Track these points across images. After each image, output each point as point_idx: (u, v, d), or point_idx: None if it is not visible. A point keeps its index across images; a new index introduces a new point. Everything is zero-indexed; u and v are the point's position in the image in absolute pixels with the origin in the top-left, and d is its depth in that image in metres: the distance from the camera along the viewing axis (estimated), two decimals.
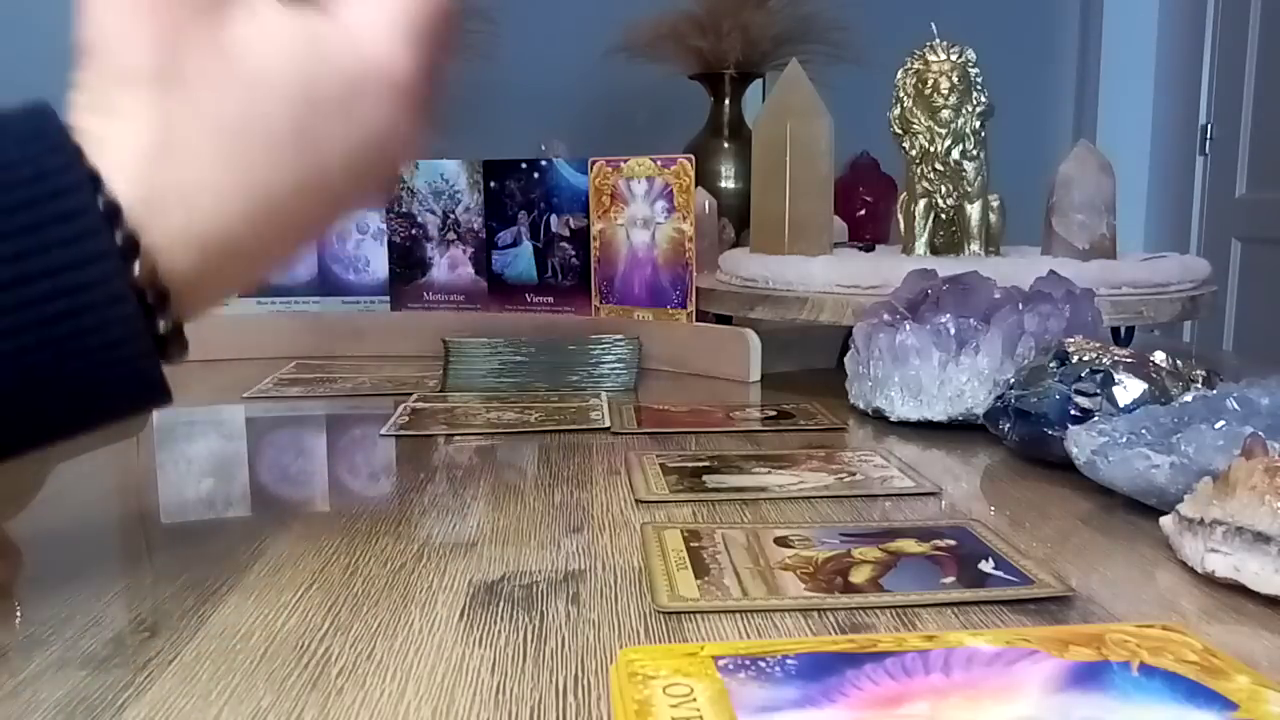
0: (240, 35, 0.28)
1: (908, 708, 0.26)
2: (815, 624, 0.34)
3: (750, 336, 0.81)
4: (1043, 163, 1.16)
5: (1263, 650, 0.32)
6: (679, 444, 0.60)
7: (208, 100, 0.28)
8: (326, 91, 0.29)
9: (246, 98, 0.28)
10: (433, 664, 0.31)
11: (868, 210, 1.40)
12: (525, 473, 0.55)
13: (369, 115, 0.30)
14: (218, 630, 0.33)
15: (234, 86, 0.28)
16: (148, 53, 0.27)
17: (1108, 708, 0.26)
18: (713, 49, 1.46)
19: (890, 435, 0.63)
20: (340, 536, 0.43)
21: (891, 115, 0.89)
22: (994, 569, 0.38)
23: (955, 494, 0.50)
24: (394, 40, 0.30)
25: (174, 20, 0.27)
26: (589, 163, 0.91)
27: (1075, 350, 0.55)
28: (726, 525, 0.44)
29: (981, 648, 0.29)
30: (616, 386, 0.78)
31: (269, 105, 0.28)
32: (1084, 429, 0.49)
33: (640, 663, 0.28)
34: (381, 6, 0.30)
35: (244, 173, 0.28)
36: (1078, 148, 0.89)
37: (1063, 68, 2.51)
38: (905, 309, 0.66)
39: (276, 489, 0.54)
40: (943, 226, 0.90)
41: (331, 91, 0.29)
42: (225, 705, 0.28)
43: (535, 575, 0.38)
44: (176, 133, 0.28)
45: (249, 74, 0.28)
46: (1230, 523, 0.36)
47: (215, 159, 0.28)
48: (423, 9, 0.31)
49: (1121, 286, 0.78)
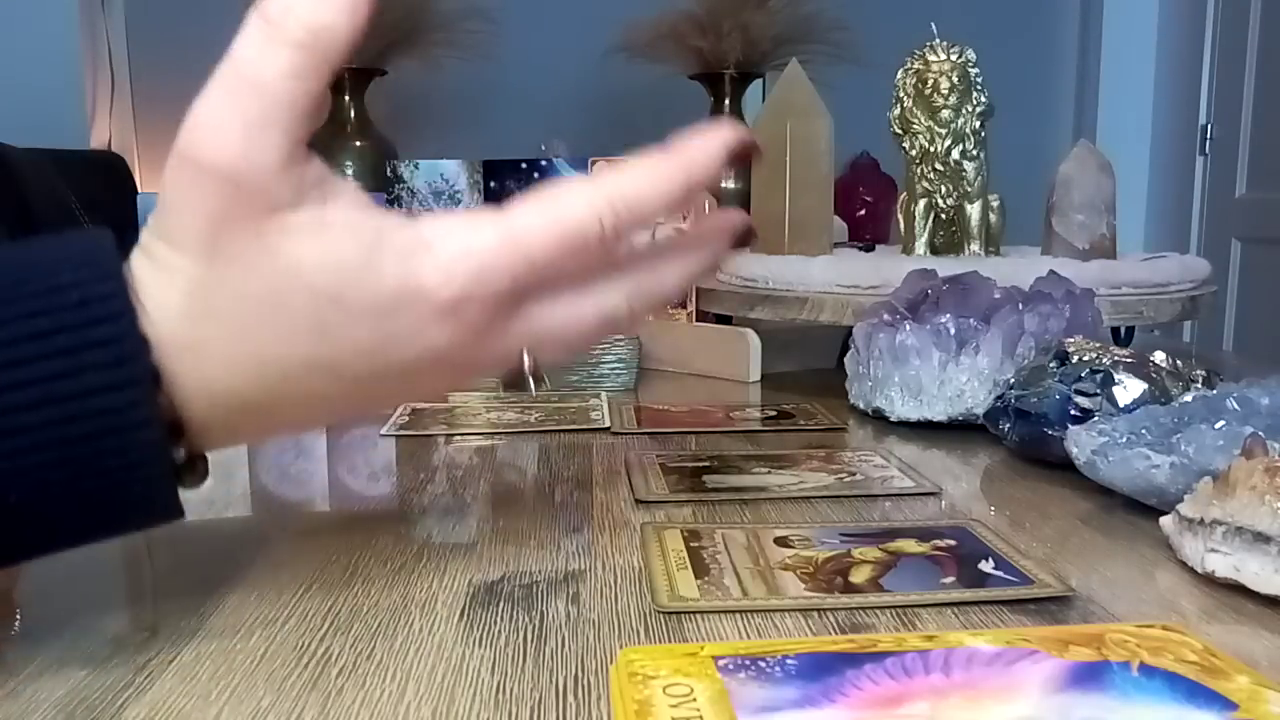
0: (288, 229, 0.30)
1: (908, 708, 0.26)
2: (815, 624, 0.34)
3: (750, 336, 0.81)
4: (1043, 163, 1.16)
5: (1263, 650, 0.32)
6: (679, 444, 0.60)
7: (236, 279, 0.29)
8: (360, 299, 0.30)
9: (273, 285, 0.30)
10: (433, 664, 0.31)
11: (868, 210, 1.40)
12: (525, 473, 0.55)
13: (402, 332, 0.31)
14: (218, 630, 0.33)
15: (264, 273, 0.29)
16: (198, 224, 0.29)
17: (1108, 708, 0.26)
18: (713, 49, 1.46)
19: (890, 435, 0.63)
20: (340, 536, 0.43)
21: (891, 115, 0.89)
22: (994, 569, 0.38)
23: (955, 494, 0.50)
24: (457, 284, 0.30)
25: (228, 208, 0.29)
26: (589, 163, 0.91)
27: (1075, 350, 0.55)
28: (726, 525, 0.44)
29: (981, 648, 0.29)
30: (616, 386, 0.78)
31: (293, 296, 0.30)
32: (1084, 429, 0.49)
33: (640, 663, 0.28)
34: (467, 252, 0.30)
35: (255, 344, 0.30)
36: (1078, 148, 0.89)
37: (1063, 68, 2.51)
38: (905, 309, 0.66)
39: (276, 489, 0.54)
40: (943, 226, 0.90)
41: (366, 300, 0.30)
42: (225, 705, 0.28)
43: (535, 575, 0.38)
44: (203, 298, 0.29)
45: (282, 266, 0.29)
46: (1230, 523, 0.36)
47: (231, 327, 0.30)
48: (502, 277, 0.31)
49: (1121, 286, 0.78)
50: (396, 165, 1.03)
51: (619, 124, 1.93)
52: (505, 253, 0.31)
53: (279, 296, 0.30)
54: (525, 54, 1.96)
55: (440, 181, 1.00)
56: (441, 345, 0.31)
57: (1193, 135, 2.45)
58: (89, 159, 1.48)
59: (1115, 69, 2.48)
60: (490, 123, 2.04)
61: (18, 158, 1.18)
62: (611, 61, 1.60)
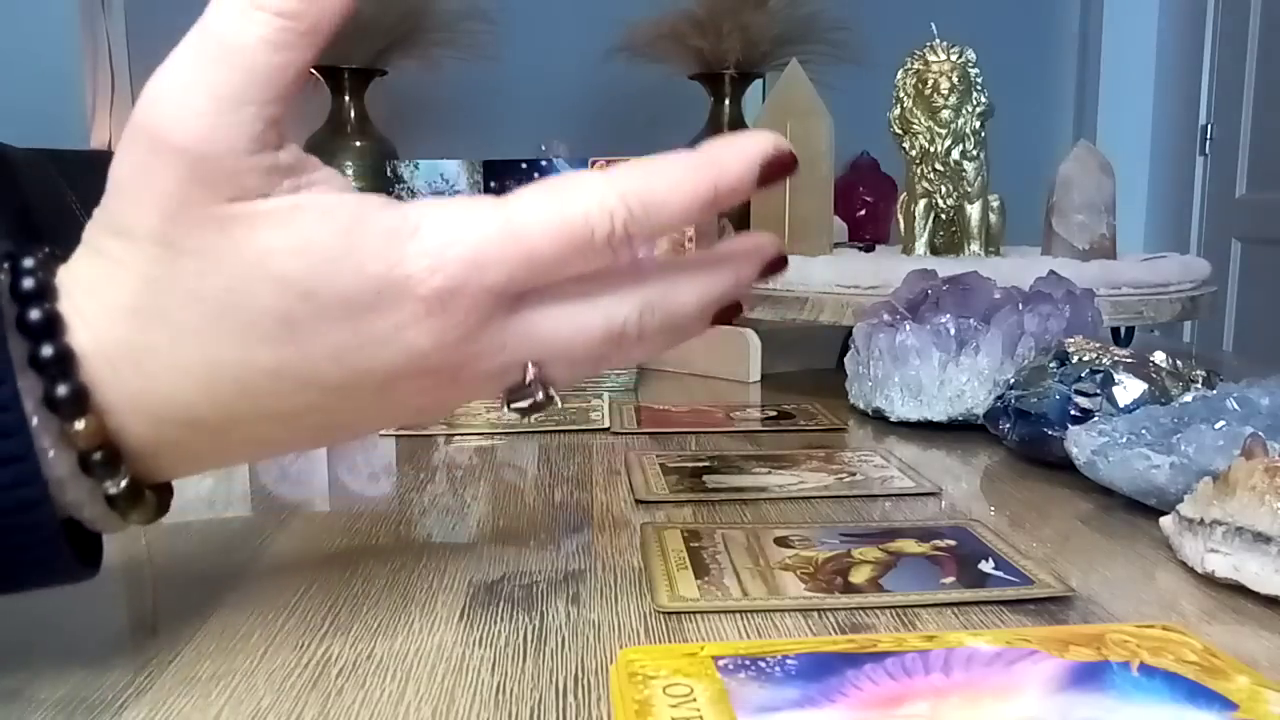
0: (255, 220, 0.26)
1: (908, 708, 0.26)
2: (815, 624, 0.34)
3: (750, 336, 0.81)
4: (1043, 163, 1.16)
5: (1263, 650, 0.32)
6: (679, 444, 0.60)
7: (191, 274, 0.26)
8: (335, 291, 0.26)
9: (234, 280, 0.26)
10: (433, 664, 0.31)
11: (868, 210, 1.40)
12: (525, 473, 0.55)
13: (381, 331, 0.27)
14: (218, 630, 0.33)
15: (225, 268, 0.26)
16: (153, 210, 0.26)
17: (1108, 708, 0.26)
18: (713, 49, 1.46)
19: (890, 435, 0.63)
20: (340, 536, 0.43)
21: (891, 115, 0.89)
22: (994, 569, 0.38)
23: (955, 494, 0.50)
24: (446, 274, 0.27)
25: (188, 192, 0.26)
26: (589, 163, 0.91)
27: (1075, 350, 0.55)
28: (726, 525, 0.44)
29: (981, 648, 0.29)
30: (616, 386, 0.78)
31: (257, 291, 0.26)
32: (1084, 429, 0.49)
33: (640, 663, 0.28)
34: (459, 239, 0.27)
35: (211, 349, 0.26)
36: (1078, 148, 0.89)
37: (1063, 68, 2.51)
38: (905, 309, 0.66)
39: (276, 489, 0.54)
40: (943, 226, 0.90)
41: (341, 292, 0.26)
42: (225, 705, 0.28)
43: (535, 575, 0.38)
44: (153, 297, 0.26)
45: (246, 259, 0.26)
46: (1230, 523, 0.36)
47: (182, 331, 0.26)
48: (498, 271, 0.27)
49: (1121, 287, 0.78)
50: (396, 165, 1.03)
51: (619, 124, 1.93)
52: (502, 244, 0.27)
53: (240, 294, 0.26)
54: (525, 54, 1.96)
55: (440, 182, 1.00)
56: (426, 348, 0.27)
57: (1193, 135, 2.45)
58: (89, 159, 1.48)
59: (1115, 69, 2.48)
60: (490, 123, 2.04)
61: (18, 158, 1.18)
62: (611, 61, 1.60)
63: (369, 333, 0.27)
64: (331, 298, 0.26)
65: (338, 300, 0.26)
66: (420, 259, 0.26)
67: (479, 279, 0.27)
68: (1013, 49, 2.21)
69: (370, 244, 0.26)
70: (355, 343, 0.27)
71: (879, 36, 1.32)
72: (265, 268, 0.26)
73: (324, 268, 0.26)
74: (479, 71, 1.73)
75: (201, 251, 0.26)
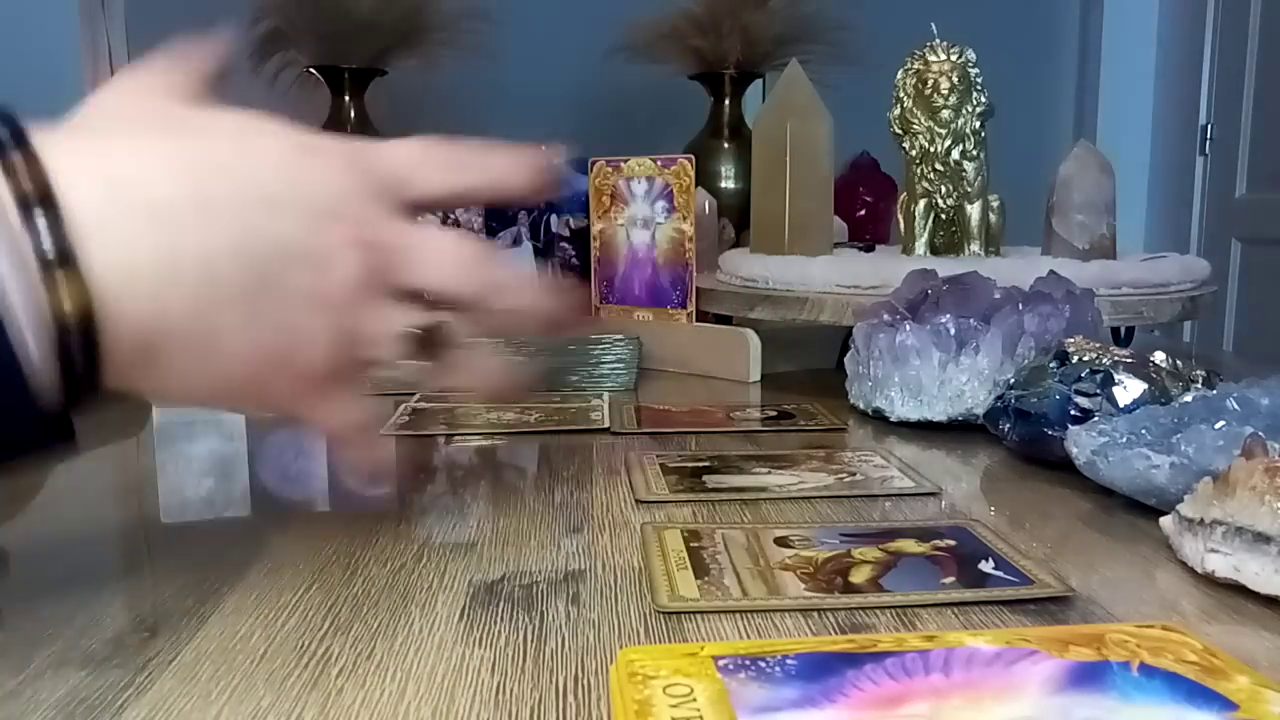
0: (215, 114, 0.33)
1: (908, 708, 0.26)
2: (815, 624, 0.34)
3: (750, 336, 0.81)
4: (1043, 163, 1.16)
5: (1263, 650, 0.32)
6: (679, 444, 0.60)
7: (151, 124, 0.32)
8: (267, 187, 0.32)
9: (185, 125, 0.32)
10: (433, 664, 0.31)
11: (868, 210, 1.40)
12: (525, 473, 0.55)
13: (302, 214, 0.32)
14: (218, 630, 0.33)
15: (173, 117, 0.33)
16: (127, 100, 0.33)
17: (1108, 708, 0.26)
18: (713, 49, 1.46)
19: (890, 435, 0.63)
20: (340, 536, 0.43)
21: (891, 115, 0.89)
22: (994, 569, 0.38)
23: (955, 494, 0.50)
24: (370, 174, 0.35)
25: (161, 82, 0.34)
26: (589, 163, 0.91)
27: (1075, 350, 0.55)
28: (726, 525, 0.44)
29: (981, 648, 0.29)
30: (616, 386, 0.78)
31: (213, 132, 0.32)
32: (1084, 429, 0.49)
33: (640, 663, 0.28)
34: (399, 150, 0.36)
35: (178, 226, 0.30)
36: (1078, 148, 0.89)
37: (1063, 68, 2.51)
38: (905, 309, 0.66)
39: (276, 489, 0.54)
40: (943, 226, 0.90)
41: (282, 150, 0.33)
42: (225, 705, 0.28)
43: (535, 575, 0.38)
44: (137, 165, 0.30)
45: (198, 121, 0.33)
46: (1230, 523, 0.36)
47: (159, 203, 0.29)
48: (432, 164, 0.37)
49: (1121, 287, 0.78)
50: None
51: (619, 124, 1.93)
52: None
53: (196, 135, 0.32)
54: (525, 54, 1.96)
55: None
56: (323, 251, 0.32)
57: (1193, 135, 2.45)
58: None
59: (1115, 69, 2.48)
60: (490, 123, 2.04)
61: None
62: (611, 61, 1.60)
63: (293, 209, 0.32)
64: (273, 152, 0.33)
65: (277, 160, 0.33)
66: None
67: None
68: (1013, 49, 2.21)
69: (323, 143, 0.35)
70: (294, 236, 0.32)
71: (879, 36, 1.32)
72: (220, 124, 0.33)
73: (279, 132, 0.34)
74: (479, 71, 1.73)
75: (165, 123, 0.32)
